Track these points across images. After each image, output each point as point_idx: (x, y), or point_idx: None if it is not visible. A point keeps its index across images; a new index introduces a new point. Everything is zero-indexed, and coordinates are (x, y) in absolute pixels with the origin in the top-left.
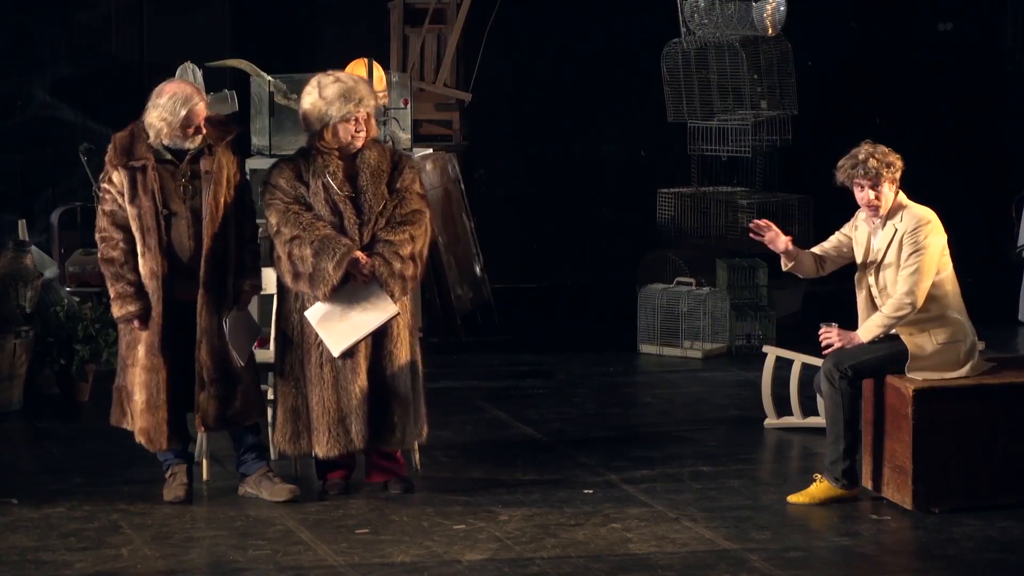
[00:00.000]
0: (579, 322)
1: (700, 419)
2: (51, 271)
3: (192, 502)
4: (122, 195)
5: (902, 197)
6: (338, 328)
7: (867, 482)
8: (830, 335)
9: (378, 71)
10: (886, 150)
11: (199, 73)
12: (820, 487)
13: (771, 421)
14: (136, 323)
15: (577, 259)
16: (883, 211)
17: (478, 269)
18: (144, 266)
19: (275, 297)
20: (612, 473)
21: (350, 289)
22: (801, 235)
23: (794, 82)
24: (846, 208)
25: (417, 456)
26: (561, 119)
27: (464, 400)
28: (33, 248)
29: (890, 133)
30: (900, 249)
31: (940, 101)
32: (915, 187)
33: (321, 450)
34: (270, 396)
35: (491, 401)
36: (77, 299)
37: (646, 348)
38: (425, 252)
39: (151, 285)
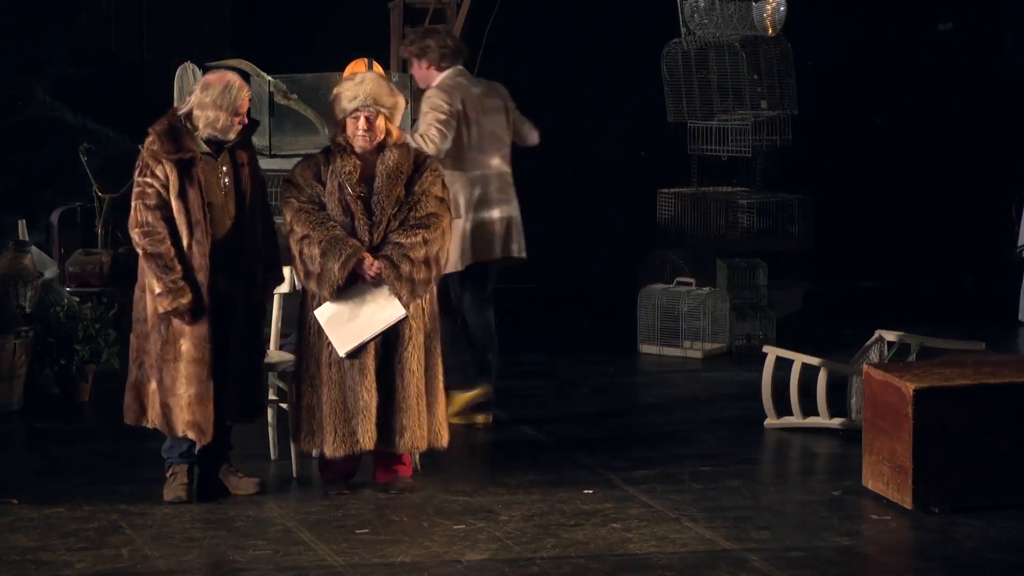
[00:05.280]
0: (579, 322)
1: (700, 419)
2: (51, 271)
3: (192, 502)
4: (166, 188)
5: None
6: (345, 328)
7: (867, 482)
8: None
9: (378, 71)
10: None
11: (199, 73)
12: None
13: (771, 421)
14: (186, 316)
15: (577, 259)
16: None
17: None
18: (194, 259)
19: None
20: (612, 473)
21: (359, 290)
22: (801, 235)
23: (794, 82)
24: (846, 208)
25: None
26: (560, 119)
27: None
28: (33, 248)
29: (890, 133)
30: None
31: (940, 101)
32: (915, 186)
33: (328, 449)
34: (271, 396)
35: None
36: (77, 299)
37: (646, 348)
38: (443, 256)
39: (200, 277)
